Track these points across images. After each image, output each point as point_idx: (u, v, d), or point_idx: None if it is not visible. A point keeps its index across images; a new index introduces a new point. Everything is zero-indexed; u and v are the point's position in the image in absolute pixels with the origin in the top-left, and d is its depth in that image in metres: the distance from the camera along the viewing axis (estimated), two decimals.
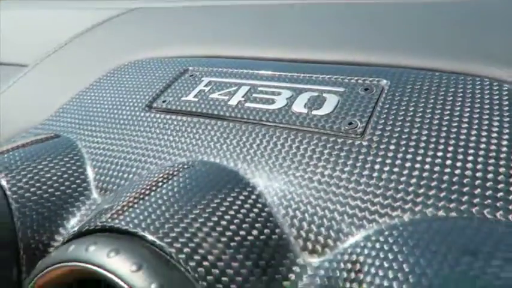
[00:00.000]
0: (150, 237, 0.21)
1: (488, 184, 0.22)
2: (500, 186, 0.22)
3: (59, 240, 0.28)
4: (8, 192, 0.29)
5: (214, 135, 0.30)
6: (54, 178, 0.30)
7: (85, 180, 0.31)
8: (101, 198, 0.30)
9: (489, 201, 0.21)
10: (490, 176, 0.22)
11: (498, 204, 0.21)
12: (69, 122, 0.37)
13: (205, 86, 0.36)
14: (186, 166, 0.28)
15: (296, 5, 0.48)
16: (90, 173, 0.32)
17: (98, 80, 0.42)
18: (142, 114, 0.35)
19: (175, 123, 0.32)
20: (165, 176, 0.27)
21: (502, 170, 0.23)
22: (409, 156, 0.25)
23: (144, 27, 0.52)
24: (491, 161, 0.23)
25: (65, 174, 0.31)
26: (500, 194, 0.21)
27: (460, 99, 0.28)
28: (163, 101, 0.35)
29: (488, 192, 0.22)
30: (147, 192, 0.25)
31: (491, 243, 0.19)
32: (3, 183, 0.29)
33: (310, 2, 0.48)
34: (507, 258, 0.17)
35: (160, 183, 0.26)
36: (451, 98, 0.28)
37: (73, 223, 0.29)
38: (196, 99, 0.34)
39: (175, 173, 0.27)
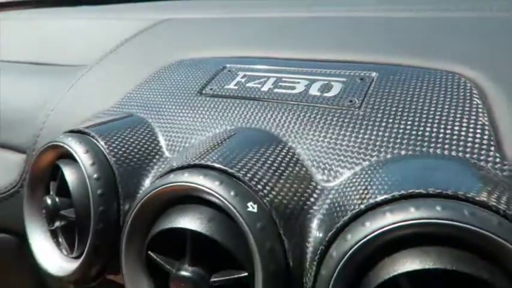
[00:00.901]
0: (230, 170, 0.32)
1: (440, 135, 0.34)
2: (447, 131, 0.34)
3: (145, 182, 0.40)
4: (106, 151, 0.40)
5: (252, 112, 0.42)
6: (137, 141, 0.42)
7: (158, 144, 0.43)
8: (171, 156, 0.42)
9: (440, 144, 0.33)
10: (442, 129, 0.34)
11: (445, 146, 0.33)
12: (136, 105, 0.49)
13: (242, 78, 0.47)
14: (233, 132, 0.40)
15: (307, 17, 0.60)
16: (161, 139, 0.43)
17: (152, 74, 0.54)
18: (195, 98, 0.46)
19: (222, 104, 0.44)
20: (222, 136, 0.39)
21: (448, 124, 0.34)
22: (390, 120, 0.36)
23: (179, 34, 0.64)
24: (444, 122, 0.35)
25: (144, 139, 0.43)
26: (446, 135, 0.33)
27: (431, 85, 0.40)
28: (210, 89, 0.47)
29: (440, 138, 0.33)
30: (214, 144, 0.37)
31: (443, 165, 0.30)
32: (102, 144, 0.41)
33: (318, 15, 0.61)
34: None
35: (220, 141, 0.38)
36: (423, 84, 0.40)
37: (153, 172, 0.41)
38: (236, 87, 0.46)
39: (227, 135, 0.39)
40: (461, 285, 0.25)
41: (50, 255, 0.44)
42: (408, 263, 0.25)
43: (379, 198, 0.28)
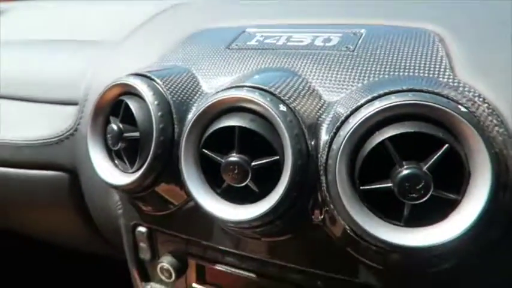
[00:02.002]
0: (264, 87, 0.45)
1: (412, 64, 0.47)
2: None
3: (191, 109, 0.52)
4: (162, 86, 0.52)
5: (271, 58, 0.55)
6: (183, 81, 0.54)
7: (199, 84, 0.55)
8: (210, 92, 0.54)
9: (412, 69, 0.47)
10: (413, 61, 0.48)
11: (415, 70, 0.46)
12: (176, 60, 0.61)
13: (260, 37, 0.60)
14: (260, 70, 0.53)
15: None
16: (201, 81, 0.56)
17: (184, 38, 0.66)
18: (224, 51, 0.59)
19: (247, 53, 0.57)
20: (251, 72, 0.51)
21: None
22: (376, 58, 0.50)
23: (203, 10, 0.77)
24: (414, 56, 0.48)
25: (188, 80, 0.55)
26: None
27: (406, 36, 0.53)
28: (236, 45, 0.60)
29: (412, 66, 0.47)
30: (247, 76, 0.49)
31: None
32: (158, 82, 0.53)
33: None
34: None
35: (251, 74, 0.50)
36: (400, 36, 0.53)
37: (196, 103, 0.53)
38: (257, 43, 0.59)
39: (256, 71, 0.52)
40: (424, 145, 0.38)
41: (110, 171, 0.55)
42: (391, 131, 0.39)
43: (370, 96, 0.41)
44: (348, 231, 0.42)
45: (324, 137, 0.44)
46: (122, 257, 0.79)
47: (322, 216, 0.46)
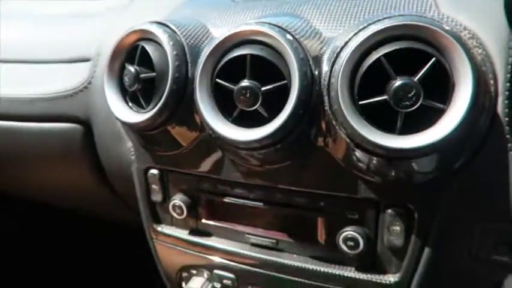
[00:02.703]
0: (270, 22, 0.50)
1: (401, 4, 0.53)
2: None
3: (203, 51, 0.57)
4: (177, 31, 0.57)
5: (274, 7, 0.60)
6: (196, 28, 0.59)
7: (209, 31, 0.60)
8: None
9: (397, 8, 0.52)
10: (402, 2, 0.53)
11: (405, 7, 0.52)
12: (186, 13, 0.66)
13: None
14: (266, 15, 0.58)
15: None
16: (211, 28, 0.61)
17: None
18: (230, 4, 0.64)
19: (252, 5, 0.62)
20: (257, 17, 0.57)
21: None
22: (368, 1, 0.55)
23: None
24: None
25: (199, 27, 0.60)
26: None
27: None
28: (237, 2, 0.65)
29: (400, 5, 0.53)
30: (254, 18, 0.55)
31: None
32: (173, 27, 0.58)
33: None
34: None
35: (257, 18, 0.55)
36: None
37: (207, 47, 0.58)
38: None
39: (261, 16, 0.57)
40: (414, 63, 0.43)
41: (126, 111, 0.60)
42: (385, 49, 0.44)
43: (366, 23, 0.47)
44: (349, 143, 0.47)
45: (326, 65, 0.49)
46: (127, 219, 0.83)
47: (324, 140, 0.52)
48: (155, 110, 0.56)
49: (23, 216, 1.23)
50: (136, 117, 0.59)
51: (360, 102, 0.45)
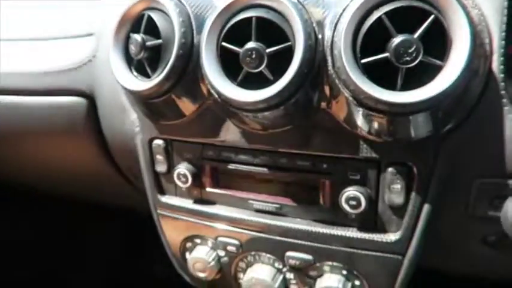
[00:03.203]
0: None
1: None
2: None
3: (206, 20, 0.58)
4: (184, 1, 0.59)
5: None
6: None
7: (212, 1, 0.61)
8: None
9: None
10: None
11: None
12: None
13: None
14: None
15: None
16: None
17: None
18: None
19: None
20: None
21: None
22: None
23: None
24: None
25: None
26: None
27: None
28: None
29: None
30: None
31: None
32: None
33: None
34: None
35: None
36: None
37: (211, 15, 0.59)
38: None
39: None
40: (414, 22, 0.45)
41: (131, 79, 0.61)
42: (386, 8, 0.46)
43: None
44: (351, 101, 0.49)
45: (328, 29, 0.51)
46: (131, 204, 0.84)
47: (327, 102, 0.53)
48: (161, 76, 0.57)
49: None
50: (142, 84, 0.60)
51: (362, 61, 0.47)
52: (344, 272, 0.60)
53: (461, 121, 0.50)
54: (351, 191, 0.55)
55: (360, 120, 0.52)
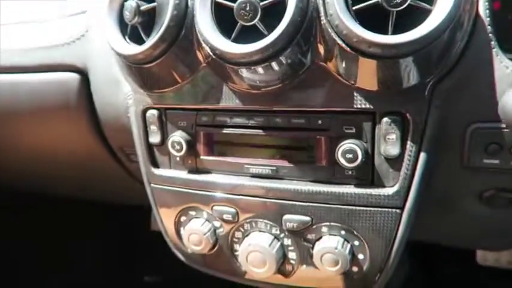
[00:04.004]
0: None
1: None
2: None
3: None
4: None
5: None
6: None
7: None
8: None
9: None
10: None
11: None
12: None
13: None
14: None
15: None
16: None
17: None
18: None
19: None
20: None
21: None
22: None
23: None
24: None
25: None
26: None
27: None
28: None
29: None
30: None
31: None
32: None
33: None
34: None
35: None
36: None
37: None
38: None
39: None
40: None
41: (125, 45, 0.61)
42: None
43: None
44: (344, 48, 0.50)
45: None
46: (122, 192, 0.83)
47: (320, 55, 0.54)
48: (156, 37, 0.58)
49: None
50: (135, 48, 0.60)
51: (354, 8, 0.49)
52: (342, 233, 0.60)
53: (452, 66, 0.51)
54: (347, 144, 0.55)
55: (353, 69, 0.52)
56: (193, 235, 0.67)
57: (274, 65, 0.53)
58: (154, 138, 0.68)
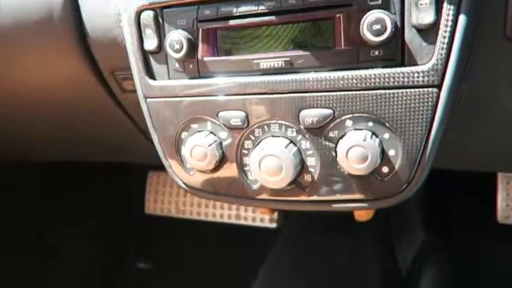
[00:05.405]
0: None
1: None
2: None
3: None
4: None
5: None
6: None
7: None
8: None
9: None
10: None
11: None
12: None
13: None
14: None
15: None
16: None
17: None
18: None
19: None
20: None
21: None
22: None
23: None
24: None
25: None
26: None
27: None
28: None
29: None
30: None
31: None
32: None
33: None
34: None
35: None
36: None
37: None
38: None
39: None
40: None
41: None
42: None
43: None
44: None
45: None
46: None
47: None
48: None
49: None
50: None
51: None
52: (370, 124, 0.52)
53: None
54: (373, 14, 0.48)
55: None
56: (197, 148, 0.58)
57: None
58: (150, 44, 0.60)
